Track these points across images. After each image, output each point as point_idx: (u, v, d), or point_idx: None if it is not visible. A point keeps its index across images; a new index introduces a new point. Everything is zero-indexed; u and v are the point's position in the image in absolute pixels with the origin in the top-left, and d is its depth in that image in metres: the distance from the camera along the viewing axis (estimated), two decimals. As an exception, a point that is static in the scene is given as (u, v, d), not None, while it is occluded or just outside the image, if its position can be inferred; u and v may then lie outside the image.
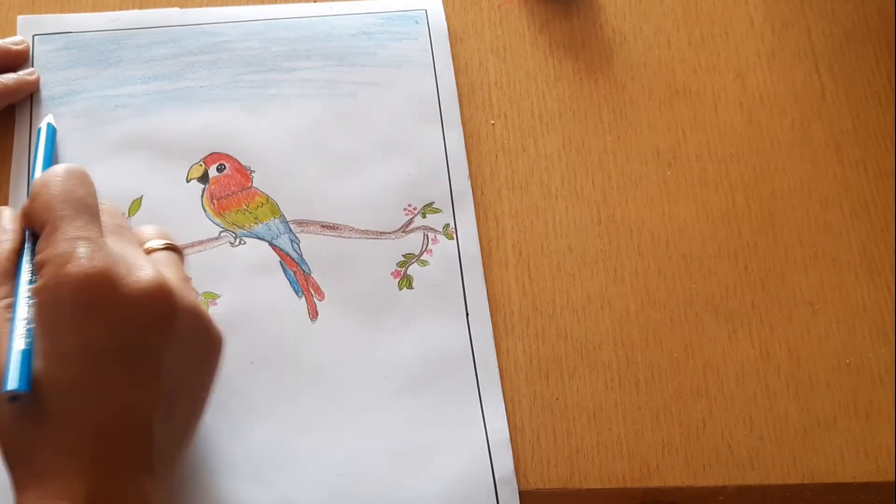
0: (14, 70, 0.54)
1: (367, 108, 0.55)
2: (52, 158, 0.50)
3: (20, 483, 0.36)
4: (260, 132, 0.54)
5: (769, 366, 0.49)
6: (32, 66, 0.55)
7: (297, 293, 0.50)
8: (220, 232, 0.52)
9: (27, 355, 0.36)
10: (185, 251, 0.51)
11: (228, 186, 0.53)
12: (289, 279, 0.51)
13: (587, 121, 0.55)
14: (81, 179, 0.41)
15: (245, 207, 0.52)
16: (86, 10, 0.57)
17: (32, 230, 0.41)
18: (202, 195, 0.52)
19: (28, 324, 0.37)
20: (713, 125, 0.56)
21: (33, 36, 0.56)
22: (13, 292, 0.39)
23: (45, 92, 0.54)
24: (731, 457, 0.47)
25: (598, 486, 0.47)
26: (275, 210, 0.52)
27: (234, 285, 0.50)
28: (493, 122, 0.55)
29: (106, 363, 0.37)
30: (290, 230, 0.52)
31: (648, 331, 0.50)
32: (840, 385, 0.49)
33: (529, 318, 0.50)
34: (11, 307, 0.38)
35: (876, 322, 0.51)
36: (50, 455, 0.36)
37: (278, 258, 0.51)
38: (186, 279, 0.42)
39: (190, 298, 0.39)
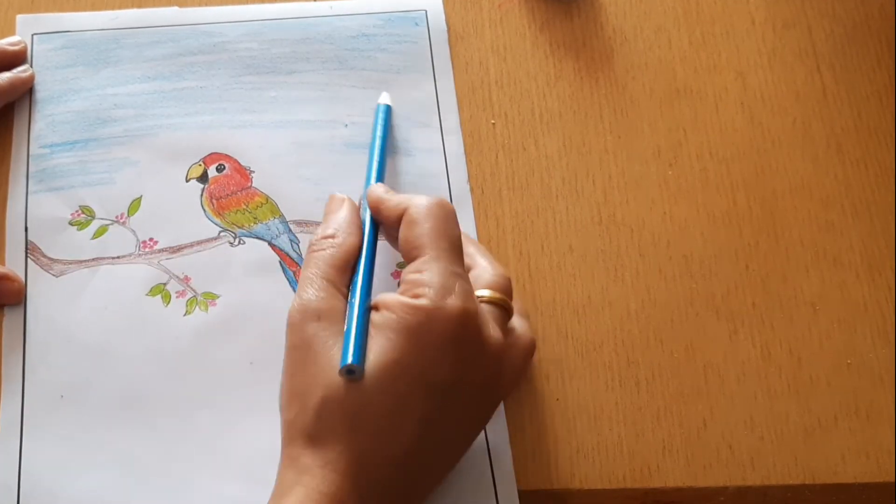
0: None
1: (366, 111, 0.55)
2: (386, 139, 0.52)
3: (295, 440, 0.39)
4: (259, 133, 0.54)
5: (770, 366, 0.49)
6: (31, 65, 0.55)
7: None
8: (220, 232, 0.51)
9: (361, 337, 0.39)
10: (185, 251, 0.51)
11: (228, 186, 0.52)
12: (288, 279, 0.50)
13: (588, 120, 0.55)
14: (454, 217, 0.43)
15: (244, 207, 0.52)
16: (85, 10, 0.57)
17: (378, 230, 0.46)
18: (201, 195, 0.52)
19: (364, 316, 0.40)
20: (714, 125, 0.55)
21: (32, 35, 0.56)
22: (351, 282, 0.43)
23: (43, 91, 0.54)
24: (732, 457, 0.47)
25: (599, 487, 0.47)
26: (274, 210, 0.52)
27: (233, 285, 0.50)
28: (493, 121, 0.55)
29: (431, 396, 0.39)
30: (290, 230, 0.52)
31: (649, 331, 0.50)
32: (841, 385, 0.49)
33: (529, 317, 0.50)
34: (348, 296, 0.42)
35: (877, 322, 0.50)
36: (340, 432, 0.38)
37: (278, 258, 0.51)
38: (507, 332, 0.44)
39: (516, 363, 0.43)
